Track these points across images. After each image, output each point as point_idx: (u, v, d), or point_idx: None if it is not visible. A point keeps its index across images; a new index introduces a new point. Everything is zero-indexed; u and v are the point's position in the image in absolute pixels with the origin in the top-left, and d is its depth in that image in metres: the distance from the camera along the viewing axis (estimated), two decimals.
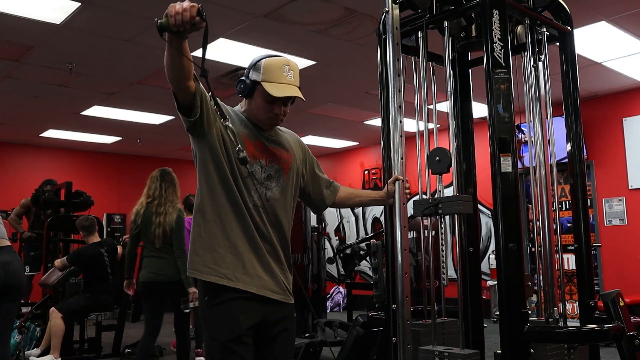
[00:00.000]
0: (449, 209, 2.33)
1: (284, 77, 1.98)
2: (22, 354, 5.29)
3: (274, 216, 2.04)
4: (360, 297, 8.25)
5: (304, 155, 2.24)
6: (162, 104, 7.28)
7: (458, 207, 2.32)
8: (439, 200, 2.34)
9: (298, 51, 5.41)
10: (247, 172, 1.97)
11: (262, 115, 2.03)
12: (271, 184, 2.05)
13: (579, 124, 2.87)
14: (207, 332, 1.98)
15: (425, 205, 2.37)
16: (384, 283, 3.22)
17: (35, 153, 9.58)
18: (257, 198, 1.99)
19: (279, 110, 2.02)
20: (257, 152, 2.03)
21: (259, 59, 2.02)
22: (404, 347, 2.22)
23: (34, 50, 5.39)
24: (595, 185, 7.23)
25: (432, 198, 2.40)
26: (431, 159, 2.46)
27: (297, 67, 2.05)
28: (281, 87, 1.97)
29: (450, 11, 2.66)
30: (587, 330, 2.37)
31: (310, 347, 4.72)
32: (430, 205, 2.34)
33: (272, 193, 2.04)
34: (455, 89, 2.98)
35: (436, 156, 2.43)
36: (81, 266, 5.54)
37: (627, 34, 5.27)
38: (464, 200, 2.36)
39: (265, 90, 1.96)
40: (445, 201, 2.33)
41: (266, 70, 1.98)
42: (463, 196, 2.38)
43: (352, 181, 10.38)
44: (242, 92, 2.04)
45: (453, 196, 2.35)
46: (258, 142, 2.05)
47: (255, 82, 2.00)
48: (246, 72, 2.04)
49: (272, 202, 2.04)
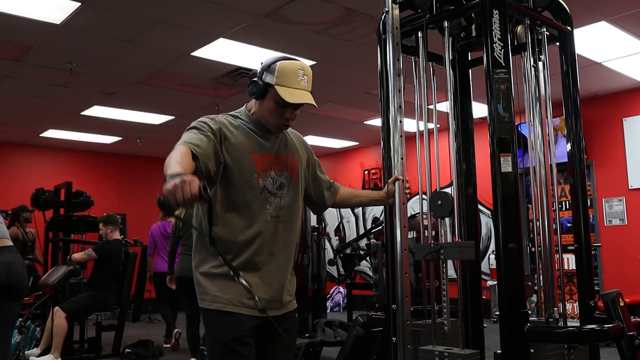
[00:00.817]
0: (451, 255, 2.35)
1: (298, 82, 1.96)
2: (22, 354, 5.29)
3: (288, 222, 2.05)
4: (360, 297, 8.25)
5: (308, 156, 2.23)
6: (162, 104, 7.28)
7: (460, 254, 2.34)
8: (440, 246, 2.36)
9: (298, 51, 5.41)
10: (261, 187, 1.98)
11: (271, 119, 2.01)
12: (283, 192, 2.05)
13: (579, 124, 2.87)
14: (209, 332, 1.99)
15: (427, 250, 2.39)
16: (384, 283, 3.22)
17: (35, 153, 9.58)
18: (273, 209, 2.00)
19: (289, 115, 2.01)
20: (267, 164, 2.02)
21: (273, 61, 1.97)
22: (404, 347, 2.22)
23: (34, 50, 5.39)
24: (595, 185, 7.23)
25: (434, 243, 2.41)
26: (433, 202, 2.47)
27: (311, 73, 2.03)
28: (295, 92, 1.95)
29: (450, 11, 2.66)
30: (587, 330, 2.37)
31: (310, 347, 4.73)
32: (432, 251, 2.36)
33: (285, 201, 2.05)
34: (455, 89, 2.97)
35: (438, 199, 2.44)
36: (104, 259, 5.66)
37: (627, 34, 5.27)
38: (466, 247, 2.37)
39: (278, 95, 1.94)
40: (447, 247, 2.35)
41: (280, 74, 1.94)
42: (465, 242, 2.41)
43: (352, 181, 10.38)
44: (254, 94, 2.00)
45: (455, 243, 2.38)
46: (266, 154, 2.03)
47: (269, 85, 1.96)
48: (259, 73, 1.99)
49: (285, 209, 2.04)
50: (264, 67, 1.99)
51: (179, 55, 5.56)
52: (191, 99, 7.04)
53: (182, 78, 6.26)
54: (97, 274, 5.72)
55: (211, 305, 1.94)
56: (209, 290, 1.95)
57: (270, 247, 1.99)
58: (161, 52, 5.47)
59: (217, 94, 6.84)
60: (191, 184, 1.56)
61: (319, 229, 7.59)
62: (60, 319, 5.24)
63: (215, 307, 1.94)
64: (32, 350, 5.47)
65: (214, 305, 1.93)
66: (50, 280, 5.47)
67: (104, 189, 9.94)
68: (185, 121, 7.98)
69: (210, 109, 7.40)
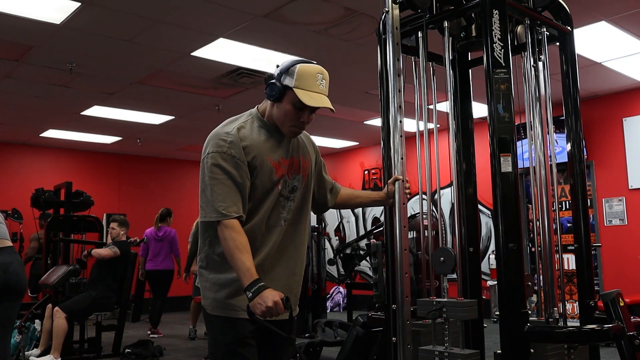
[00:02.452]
0: (454, 314, 2.35)
1: (316, 86, 1.96)
2: (22, 354, 5.29)
3: (297, 224, 2.07)
4: (360, 297, 8.25)
5: (316, 157, 2.24)
6: (162, 104, 7.28)
7: (463, 313, 2.34)
8: (443, 304, 2.36)
9: (298, 51, 5.41)
10: (278, 192, 1.99)
11: (288, 122, 2.00)
12: (295, 195, 2.06)
13: (579, 124, 2.87)
14: (212, 333, 1.99)
15: (430, 308, 2.39)
16: (384, 283, 3.22)
17: (35, 153, 9.58)
18: (287, 213, 2.02)
19: (306, 118, 2.01)
20: (283, 168, 2.02)
21: (292, 64, 1.97)
22: (404, 347, 2.22)
23: (34, 50, 5.39)
24: (595, 185, 7.23)
25: (437, 301, 2.40)
26: (435, 258, 2.47)
27: (328, 77, 2.04)
28: (314, 96, 1.95)
29: (450, 11, 2.66)
30: (587, 330, 2.37)
31: (310, 347, 4.73)
32: (434, 310, 2.37)
33: (296, 203, 2.06)
34: (455, 89, 2.97)
35: (440, 256, 2.45)
36: (119, 258, 5.81)
37: (627, 34, 5.27)
38: (469, 307, 2.36)
39: (297, 97, 1.93)
40: (449, 306, 2.35)
41: (300, 77, 1.94)
42: (468, 302, 2.39)
43: (352, 181, 10.38)
44: (272, 96, 1.98)
45: (458, 302, 2.36)
46: (282, 160, 2.03)
47: (287, 87, 1.95)
48: (277, 75, 1.98)
49: (295, 211, 2.06)
50: (283, 70, 1.97)
51: (179, 55, 5.56)
52: (191, 99, 7.03)
53: (182, 78, 6.26)
54: (100, 274, 5.73)
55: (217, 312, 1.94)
56: (217, 297, 1.95)
57: (281, 250, 2.00)
58: (161, 52, 5.46)
59: (217, 94, 6.84)
60: (277, 305, 1.77)
61: (319, 229, 7.61)
62: (60, 319, 5.24)
63: (219, 313, 1.94)
64: (32, 350, 5.47)
65: (220, 312, 1.94)
66: (50, 280, 5.48)
67: (104, 189, 9.93)
68: (185, 121, 8.00)
69: (210, 109, 7.40)
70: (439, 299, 2.43)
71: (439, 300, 2.40)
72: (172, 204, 10.42)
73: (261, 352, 1.99)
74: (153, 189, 10.59)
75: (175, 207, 10.40)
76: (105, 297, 5.63)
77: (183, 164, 11.07)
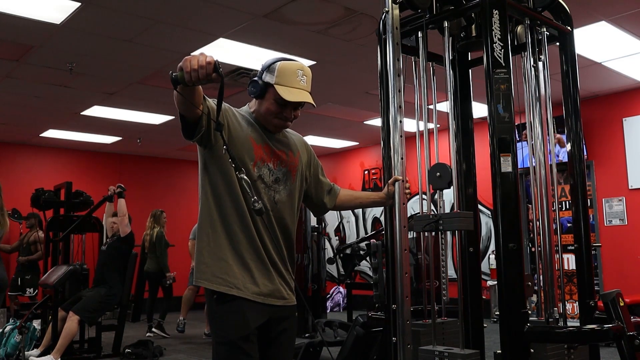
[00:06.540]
0: (450, 225, 2.35)
1: (297, 82, 1.99)
2: (22, 354, 5.29)
3: (281, 219, 2.06)
4: (360, 297, 8.25)
5: (309, 158, 2.25)
6: (162, 104, 7.28)
7: (459, 223, 2.34)
8: (439, 216, 2.36)
9: (298, 51, 5.42)
10: (256, 176, 1.99)
11: (271, 118, 2.04)
12: (279, 187, 2.06)
13: (579, 124, 2.87)
14: (216, 330, 1.99)
15: (425, 221, 2.39)
16: (384, 283, 3.22)
17: (35, 153, 9.58)
18: (267, 201, 2.01)
19: (288, 114, 2.04)
20: (265, 155, 2.04)
21: (273, 62, 2.01)
22: (404, 347, 2.22)
23: (34, 50, 5.39)
24: (595, 185, 7.23)
25: (433, 214, 2.41)
26: (432, 174, 2.47)
27: (310, 73, 2.07)
28: (294, 91, 1.98)
29: (450, 11, 2.66)
30: (587, 330, 2.37)
31: (310, 347, 4.72)
32: (430, 222, 2.37)
33: (280, 196, 2.06)
34: (455, 89, 2.97)
35: (437, 172, 2.44)
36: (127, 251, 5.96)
37: (627, 34, 5.27)
38: (465, 217, 2.37)
39: (278, 93, 1.97)
40: (446, 217, 2.35)
41: (280, 74, 1.98)
42: (464, 213, 2.40)
43: (352, 181, 10.38)
44: (254, 93, 2.03)
45: (454, 213, 2.37)
46: (266, 146, 2.06)
47: (268, 84, 2.00)
48: (259, 73, 2.03)
49: (280, 205, 2.05)
50: (264, 67, 2.02)
51: (179, 55, 5.55)
52: None
53: None
54: (109, 269, 5.75)
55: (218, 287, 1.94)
56: (215, 271, 1.96)
57: (260, 247, 1.99)
58: (161, 52, 5.46)
59: (217, 94, 6.83)
60: (207, 63, 1.66)
61: (319, 229, 7.60)
62: (73, 322, 5.24)
63: (218, 289, 1.94)
64: (32, 350, 5.47)
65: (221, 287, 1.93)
66: (50, 280, 5.47)
67: (104, 189, 9.88)
68: None
69: None
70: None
71: (435, 213, 2.40)
72: (172, 203, 10.42)
73: (261, 351, 2.00)
74: (153, 189, 10.58)
75: (175, 207, 10.42)
76: (115, 293, 5.67)
77: (183, 164, 11.07)
